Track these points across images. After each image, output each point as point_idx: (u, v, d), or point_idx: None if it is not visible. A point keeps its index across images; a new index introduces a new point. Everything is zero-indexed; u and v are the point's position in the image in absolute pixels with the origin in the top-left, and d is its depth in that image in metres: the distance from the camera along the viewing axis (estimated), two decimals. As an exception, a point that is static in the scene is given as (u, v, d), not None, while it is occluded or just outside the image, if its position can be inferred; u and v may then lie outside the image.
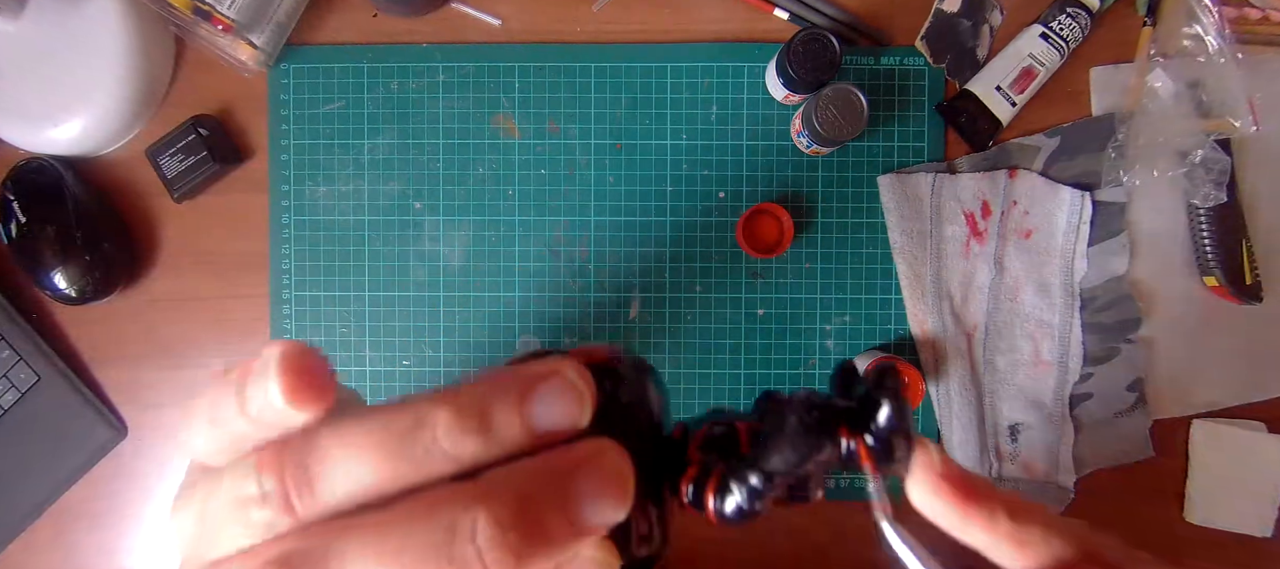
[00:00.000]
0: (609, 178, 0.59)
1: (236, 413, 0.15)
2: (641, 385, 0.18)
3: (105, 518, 0.60)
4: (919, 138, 0.59)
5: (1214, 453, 0.58)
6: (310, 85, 0.59)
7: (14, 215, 0.55)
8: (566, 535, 0.14)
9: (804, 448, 0.17)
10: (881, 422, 0.18)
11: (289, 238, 0.59)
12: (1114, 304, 0.58)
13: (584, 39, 0.59)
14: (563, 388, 0.15)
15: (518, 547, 0.14)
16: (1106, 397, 0.59)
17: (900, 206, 0.58)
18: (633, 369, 0.18)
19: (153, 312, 0.60)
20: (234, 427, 0.15)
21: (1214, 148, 0.55)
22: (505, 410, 0.15)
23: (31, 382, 0.58)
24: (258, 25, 0.55)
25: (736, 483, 0.18)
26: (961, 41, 0.58)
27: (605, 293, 0.59)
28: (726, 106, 0.59)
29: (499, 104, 0.59)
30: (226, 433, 0.15)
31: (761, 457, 0.17)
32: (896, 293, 0.59)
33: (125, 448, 0.60)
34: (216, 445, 0.16)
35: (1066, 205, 0.57)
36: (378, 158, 0.59)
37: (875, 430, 0.18)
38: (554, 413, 0.15)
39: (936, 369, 0.58)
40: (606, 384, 0.17)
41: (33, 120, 0.55)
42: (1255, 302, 0.57)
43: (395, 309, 0.59)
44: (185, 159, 0.56)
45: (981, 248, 0.58)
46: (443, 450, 0.14)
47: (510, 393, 0.15)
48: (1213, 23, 0.54)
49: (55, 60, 0.55)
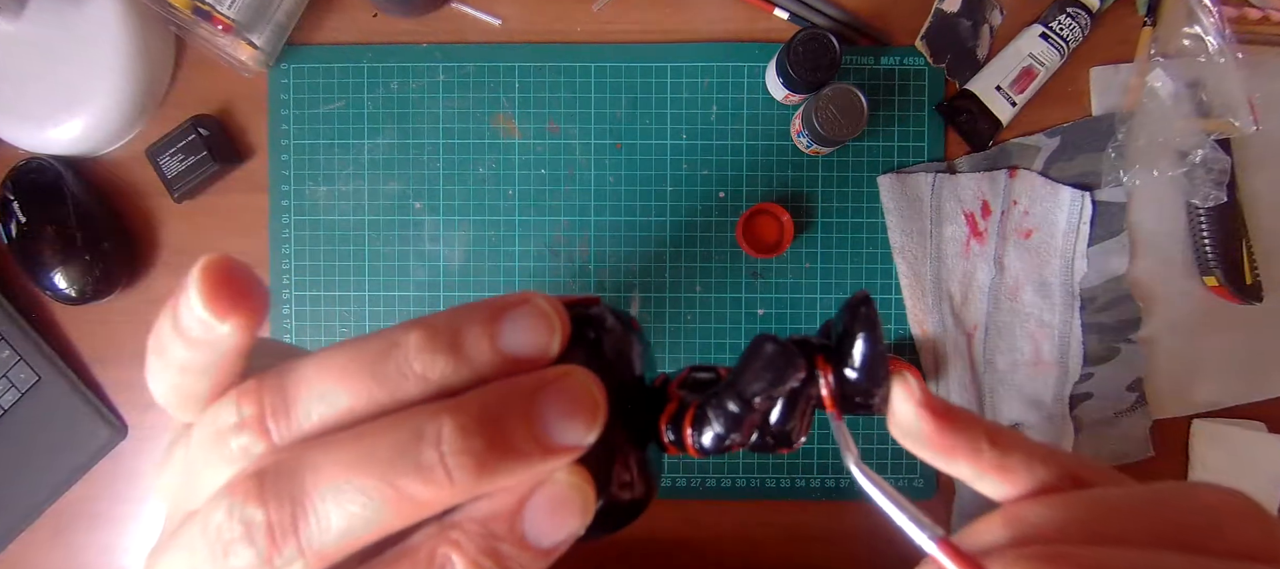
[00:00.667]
0: (609, 178, 0.59)
1: (171, 334, 0.15)
2: (624, 336, 0.18)
3: (105, 518, 0.60)
4: (919, 138, 0.59)
5: (1214, 453, 0.58)
6: (310, 85, 0.59)
7: (14, 215, 0.55)
8: (532, 450, 0.14)
9: (778, 367, 0.17)
10: (856, 355, 0.18)
11: (289, 238, 0.59)
12: (1114, 304, 0.58)
13: (584, 39, 0.59)
14: (533, 313, 0.15)
15: (481, 453, 0.14)
16: (1106, 397, 0.59)
17: (900, 206, 0.58)
18: (616, 320, 0.18)
19: (153, 312, 0.59)
20: (173, 354, 0.15)
21: (1214, 148, 0.55)
22: (475, 332, 0.15)
23: (31, 382, 0.58)
24: (258, 25, 0.55)
25: (712, 410, 0.18)
26: (961, 41, 0.58)
27: (605, 293, 0.59)
28: (726, 106, 0.59)
29: (499, 104, 0.59)
30: (172, 363, 0.15)
31: (735, 381, 0.17)
32: (896, 293, 0.59)
33: (125, 448, 0.60)
34: (168, 382, 0.16)
35: (1066, 205, 0.57)
36: (378, 158, 0.59)
37: (850, 364, 0.18)
38: (523, 336, 0.15)
39: (936, 369, 0.58)
40: (588, 332, 0.17)
41: (33, 120, 0.55)
42: (1255, 302, 0.57)
43: (395, 309, 0.59)
44: (185, 159, 0.56)
45: (981, 248, 0.58)
46: (414, 371, 0.15)
47: (480, 315, 0.15)
48: (1213, 23, 0.54)
49: (55, 60, 0.55)
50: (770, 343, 0.17)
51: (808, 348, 0.18)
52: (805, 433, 0.19)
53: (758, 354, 0.17)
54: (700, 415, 0.18)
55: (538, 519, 0.15)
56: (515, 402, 0.14)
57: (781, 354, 0.17)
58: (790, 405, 0.18)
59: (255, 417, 0.15)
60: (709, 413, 0.18)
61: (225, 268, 0.15)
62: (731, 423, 0.18)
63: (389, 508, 0.14)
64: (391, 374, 0.15)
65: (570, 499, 0.15)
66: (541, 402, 0.14)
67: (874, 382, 0.18)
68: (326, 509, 0.14)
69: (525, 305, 0.15)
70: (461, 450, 0.14)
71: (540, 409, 0.14)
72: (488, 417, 0.14)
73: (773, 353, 0.17)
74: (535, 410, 0.14)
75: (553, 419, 0.14)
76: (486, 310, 0.15)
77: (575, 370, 0.15)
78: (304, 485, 0.14)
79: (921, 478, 0.60)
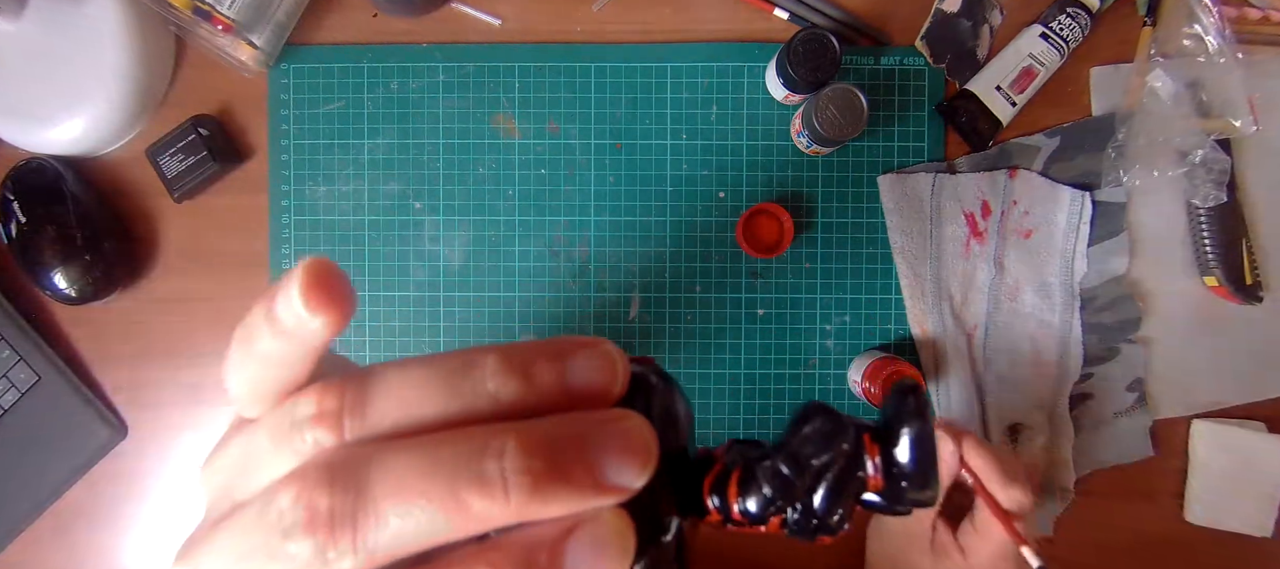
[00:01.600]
0: (609, 178, 0.59)
1: (262, 323, 0.16)
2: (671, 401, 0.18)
3: (105, 518, 0.60)
4: (919, 138, 0.59)
5: (1214, 453, 0.58)
6: (310, 85, 0.59)
7: (14, 215, 0.55)
8: (585, 485, 0.15)
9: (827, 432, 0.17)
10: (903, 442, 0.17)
11: (289, 238, 0.59)
12: (1114, 304, 0.58)
13: (584, 39, 0.59)
14: (601, 355, 0.16)
15: (539, 475, 0.14)
16: (1106, 396, 0.59)
17: (900, 206, 0.58)
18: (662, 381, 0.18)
19: (153, 311, 0.60)
20: (261, 346, 0.16)
21: (1214, 148, 0.55)
22: (545, 364, 0.16)
23: (31, 382, 0.58)
24: (258, 25, 0.55)
25: (761, 472, 0.17)
26: (961, 41, 0.58)
27: (605, 293, 0.59)
28: (726, 106, 0.59)
29: (499, 104, 0.59)
30: (256, 354, 0.16)
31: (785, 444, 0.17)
32: (896, 293, 0.59)
33: (125, 448, 0.60)
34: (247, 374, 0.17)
35: (1066, 205, 0.57)
36: (378, 158, 0.59)
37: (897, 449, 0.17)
38: (590, 375, 0.16)
39: (936, 369, 0.58)
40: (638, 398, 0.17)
41: (33, 120, 0.55)
42: (1255, 301, 0.57)
43: (395, 309, 0.59)
44: (185, 159, 0.56)
45: (981, 248, 0.58)
46: (486, 389, 0.15)
47: (551, 350, 0.16)
48: (1213, 23, 0.54)
49: (55, 60, 0.55)
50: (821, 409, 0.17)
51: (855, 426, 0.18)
52: (849, 520, 0.18)
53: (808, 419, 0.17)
54: (746, 477, 0.18)
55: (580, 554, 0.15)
56: (576, 434, 0.15)
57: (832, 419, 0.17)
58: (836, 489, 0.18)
59: (333, 411, 0.15)
60: (758, 473, 0.18)
61: (324, 268, 0.16)
62: (780, 487, 0.17)
63: (444, 516, 0.14)
64: (466, 391, 0.15)
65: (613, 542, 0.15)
66: (600, 438, 0.15)
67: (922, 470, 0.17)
68: (387, 508, 0.14)
69: (595, 347, 0.16)
70: (522, 470, 0.14)
71: (598, 445, 0.15)
72: (550, 442, 0.15)
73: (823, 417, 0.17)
74: (593, 446, 0.15)
75: (609, 457, 0.15)
76: (559, 346, 0.16)
77: (632, 415, 0.16)
78: (370, 482, 0.14)
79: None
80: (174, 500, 0.60)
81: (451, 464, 0.14)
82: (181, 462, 0.61)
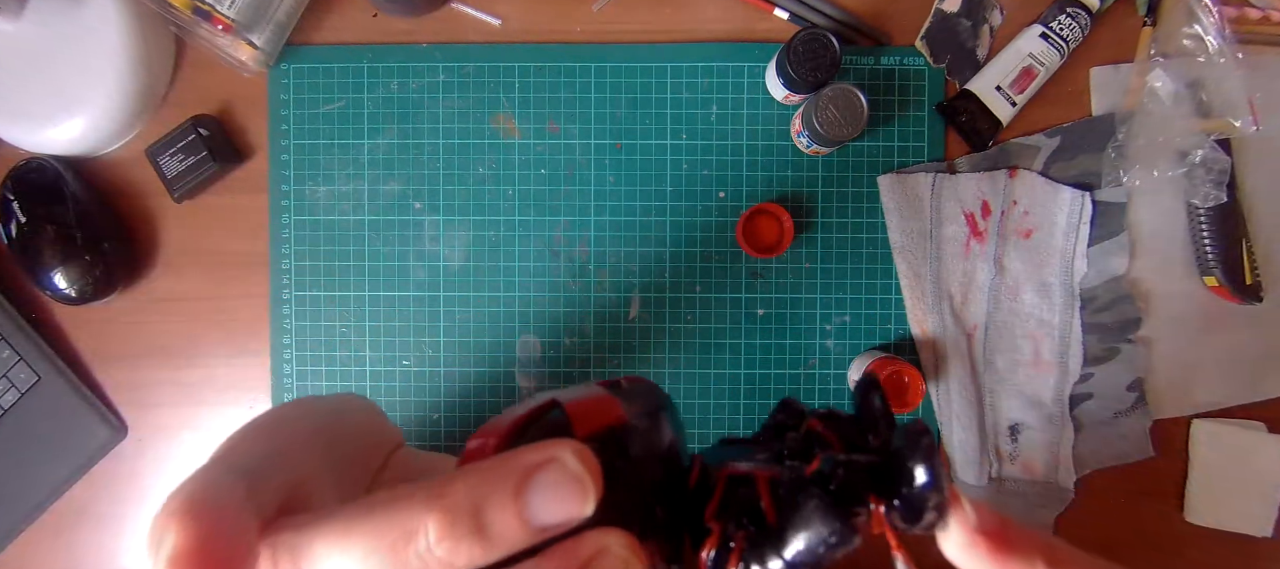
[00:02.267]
0: (609, 178, 0.59)
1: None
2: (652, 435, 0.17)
3: (105, 518, 0.60)
4: (919, 138, 0.59)
5: (1214, 453, 0.58)
6: (310, 85, 0.59)
7: (14, 215, 0.55)
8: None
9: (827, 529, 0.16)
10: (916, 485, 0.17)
11: (289, 238, 0.59)
12: (1114, 304, 0.58)
13: (584, 39, 0.59)
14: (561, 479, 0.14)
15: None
16: (1106, 397, 0.59)
17: (900, 206, 0.58)
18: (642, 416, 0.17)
19: (153, 311, 0.60)
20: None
21: (1214, 148, 0.55)
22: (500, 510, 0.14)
23: (31, 382, 0.58)
24: (258, 25, 0.55)
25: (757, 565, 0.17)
26: (961, 41, 0.58)
27: (605, 293, 0.59)
28: (726, 106, 0.59)
29: (499, 104, 0.59)
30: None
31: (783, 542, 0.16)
32: (896, 293, 0.59)
33: (125, 448, 0.60)
34: None
35: (1066, 205, 0.57)
36: (378, 158, 0.59)
37: (906, 495, 0.17)
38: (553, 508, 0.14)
39: (936, 369, 0.58)
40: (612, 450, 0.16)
41: (33, 120, 0.55)
42: (1255, 301, 0.57)
43: (395, 309, 0.59)
44: (185, 159, 0.56)
45: (981, 248, 0.58)
46: (438, 559, 0.14)
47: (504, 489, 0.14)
48: (1213, 23, 0.54)
49: (55, 60, 0.55)
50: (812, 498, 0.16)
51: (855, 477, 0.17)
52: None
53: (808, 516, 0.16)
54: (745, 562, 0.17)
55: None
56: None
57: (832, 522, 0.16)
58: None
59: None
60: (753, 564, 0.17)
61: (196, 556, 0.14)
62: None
63: None
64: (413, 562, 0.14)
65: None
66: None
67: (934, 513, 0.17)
68: None
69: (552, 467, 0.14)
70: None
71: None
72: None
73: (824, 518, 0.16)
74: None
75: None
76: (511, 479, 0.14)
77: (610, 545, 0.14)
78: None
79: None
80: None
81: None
82: (181, 462, 0.61)
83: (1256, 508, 0.58)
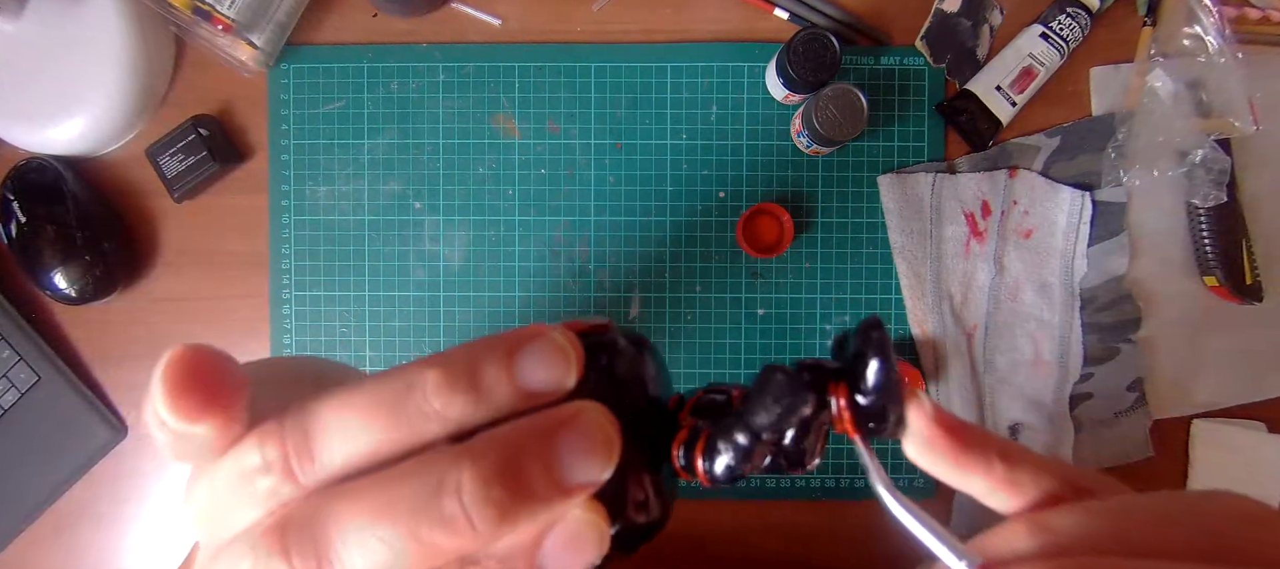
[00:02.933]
0: (609, 178, 0.59)
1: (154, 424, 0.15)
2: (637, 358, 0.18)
3: (105, 518, 0.60)
4: (919, 138, 0.59)
5: (1214, 453, 0.58)
6: (310, 85, 0.59)
7: (14, 215, 0.55)
8: (551, 493, 0.14)
9: (787, 401, 0.17)
10: (870, 379, 0.18)
11: (289, 238, 0.59)
12: (1114, 304, 0.58)
13: (584, 39, 0.59)
14: (548, 347, 0.15)
15: (502, 502, 0.14)
16: (1106, 397, 0.59)
17: (900, 206, 0.58)
18: (628, 342, 0.18)
19: (153, 311, 0.60)
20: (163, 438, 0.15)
21: (1214, 148, 0.55)
22: (493, 368, 0.15)
23: (31, 382, 0.58)
24: (258, 25, 0.55)
25: (723, 442, 0.18)
26: (961, 41, 0.58)
27: (605, 293, 0.59)
28: (726, 106, 0.59)
29: (499, 104, 0.59)
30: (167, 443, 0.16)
31: (746, 413, 0.18)
32: (896, 293, 0.59)
33: (125, 448, 0.60)
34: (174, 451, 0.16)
35: (1066, 205, 0.57)
36: (378, 158, 0.59)
37: (864, 388, 0.18)
38: (540, 371, 0.15)
39: (936, 369, 0.58)
40: (601, 358, 0.17)
41: (33, 120, 0.55)
42: (1255, 302, 0.57)
43: (395, 309, 0.59)
44: (185, 159, 0.56)
45: (981, 248, 0.58)
46: (434, 410, 0.15)
47: (497, 352, 0.15)
48: (1213, 23, 0.54)
49: (55, 60, 0.55)
50: (780, 373, 0.17)
51: (820, 373, 0.18)
52: (820, 454, 0.19)
53: (767, 385, 0.17)
54: (711, 446, 0.18)
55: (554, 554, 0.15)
56: (533, 445, 0.15)
57: (790, 386, 0.17)
58: (803, 430, 0.18)
59: (280, 459, 0.15)
60: (719, 443, 0.18)
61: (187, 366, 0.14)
62: (741, 455, 0.18)
63: (412, 557, 0.14)
64: (412, 414, 0.15)
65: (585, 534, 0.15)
66: (558, 444, 0.15)
67: (888, 404, 0.18)
68: (351, 560, 0.14)
69: (540, 339, 0.15)
70: (484, 501, 0.14)
71: (557, 451, 0.15)
72: (507, 463, 0.14)
73: (781, 384, 0.17)
74: (552, 453, 0.15)
75: (569, 461, 0.15)
76: (503, 345, 0.15)
77: (588, 408, 0.15)
78: (328, 536, 0.14)
79: (922, 478, 0.59)
80: (174, 500, 0.60)
81: (411, 508, 0.14)
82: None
83: (1256, 508, 0.58)
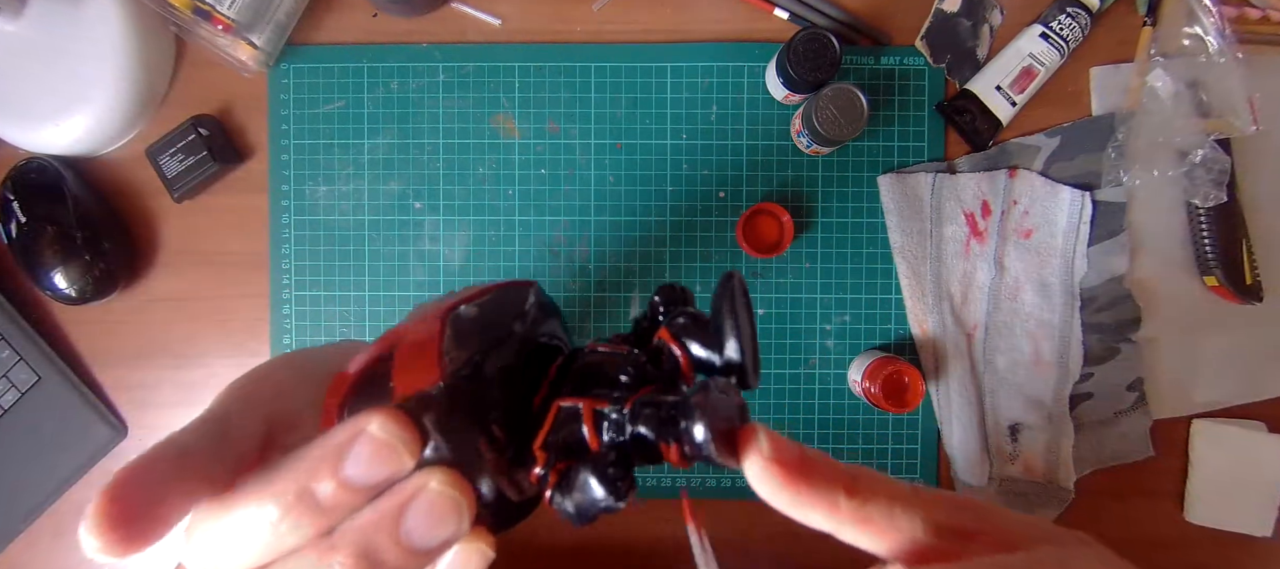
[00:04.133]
0: (609, 178, 0.59)
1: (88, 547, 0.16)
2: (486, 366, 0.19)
3: (105, 518, 0.60)
4: (919, 138, 0.59)
5: (1214, 453, 0.58)
6: (310, 85, 0.59)
7: (14, 215, 0.55)
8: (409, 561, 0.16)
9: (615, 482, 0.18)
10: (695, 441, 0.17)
11: (289, 238, 0.59)
12: (1114, 304, 0.58)
13: (584, 39, 0.59)
14: (372, 449, 0.16)
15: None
16: (1106, 397, 0.59)
17: (900, 206, 0.58)
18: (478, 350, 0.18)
19: (153, 311, 0.60)
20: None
21: (1214, 148, 0.55)
22: (327, 489, 0.16)
23: (31, 382, 0.58)
24: (258, 25, 0.55)
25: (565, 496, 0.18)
26: (961, 41, 0.58)
27: (605, 293, 0.59)
28: (726, 106, 0.59)
29: (499, 104, 0.59)
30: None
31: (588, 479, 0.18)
32: (896, 293, 0.59)
33: (125, 448, 0.60)
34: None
35: (1066, 205, 0.57)
36: (378, 158, 0.59)
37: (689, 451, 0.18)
38: (370, 471, 0.16)
39: (936, 369, 0.58)
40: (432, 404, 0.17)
41: (33, 120, 0.55)
42: (1255, 302, 0.57)
43: (395, 309, 0.59)
44: (185, 159, 0.56)
45: (981, 247, 0.58)
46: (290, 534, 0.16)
47: (325, 468, 0.16)
48: (1213, 23, 0.54)
49: (55, 60, 0.55)
50: (598, 467, 0.18)
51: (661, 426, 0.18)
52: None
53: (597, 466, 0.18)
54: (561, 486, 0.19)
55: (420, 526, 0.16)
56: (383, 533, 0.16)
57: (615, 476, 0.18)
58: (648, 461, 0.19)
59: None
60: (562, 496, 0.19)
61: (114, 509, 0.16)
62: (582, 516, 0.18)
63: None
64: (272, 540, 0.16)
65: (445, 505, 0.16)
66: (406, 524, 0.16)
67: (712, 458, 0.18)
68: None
69: (362, 439, 0.16)
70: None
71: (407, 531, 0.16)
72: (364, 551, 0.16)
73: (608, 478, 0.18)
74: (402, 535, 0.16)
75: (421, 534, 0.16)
76: (329, 459, 0.16)
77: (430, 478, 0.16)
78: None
79: (920, 480, 0.59)
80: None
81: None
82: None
83: (1256, 508, 0.58)
